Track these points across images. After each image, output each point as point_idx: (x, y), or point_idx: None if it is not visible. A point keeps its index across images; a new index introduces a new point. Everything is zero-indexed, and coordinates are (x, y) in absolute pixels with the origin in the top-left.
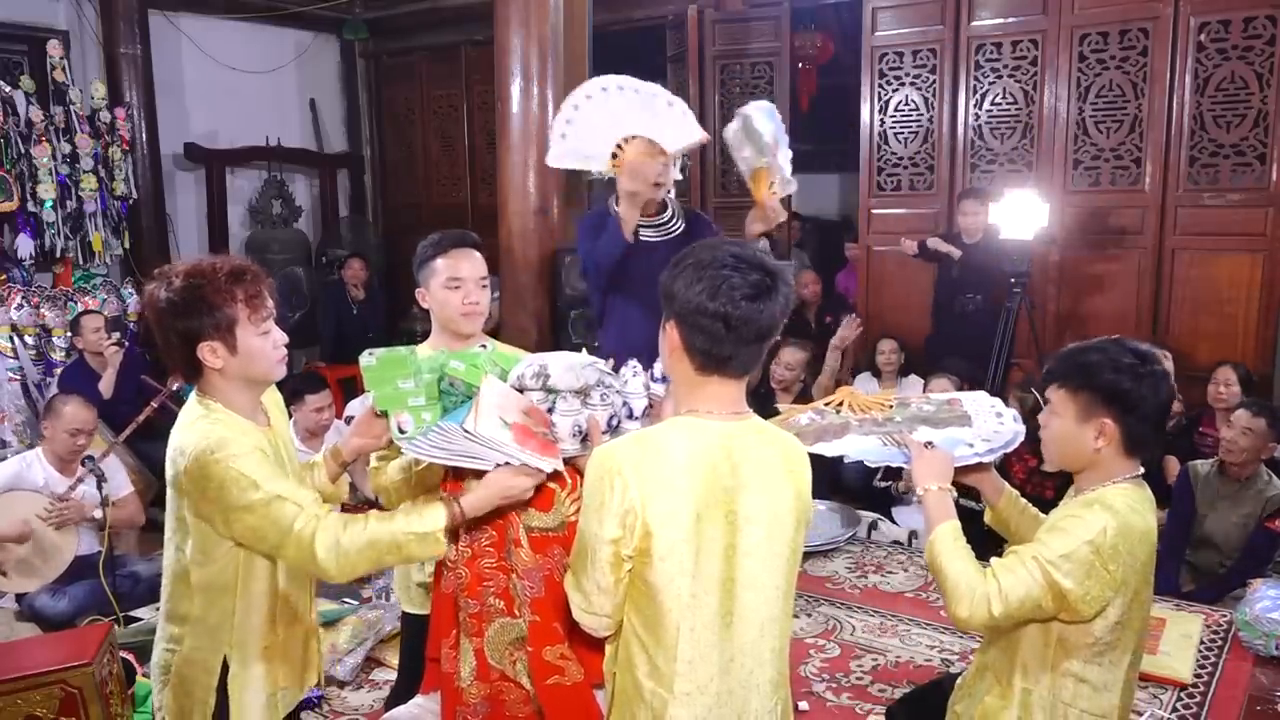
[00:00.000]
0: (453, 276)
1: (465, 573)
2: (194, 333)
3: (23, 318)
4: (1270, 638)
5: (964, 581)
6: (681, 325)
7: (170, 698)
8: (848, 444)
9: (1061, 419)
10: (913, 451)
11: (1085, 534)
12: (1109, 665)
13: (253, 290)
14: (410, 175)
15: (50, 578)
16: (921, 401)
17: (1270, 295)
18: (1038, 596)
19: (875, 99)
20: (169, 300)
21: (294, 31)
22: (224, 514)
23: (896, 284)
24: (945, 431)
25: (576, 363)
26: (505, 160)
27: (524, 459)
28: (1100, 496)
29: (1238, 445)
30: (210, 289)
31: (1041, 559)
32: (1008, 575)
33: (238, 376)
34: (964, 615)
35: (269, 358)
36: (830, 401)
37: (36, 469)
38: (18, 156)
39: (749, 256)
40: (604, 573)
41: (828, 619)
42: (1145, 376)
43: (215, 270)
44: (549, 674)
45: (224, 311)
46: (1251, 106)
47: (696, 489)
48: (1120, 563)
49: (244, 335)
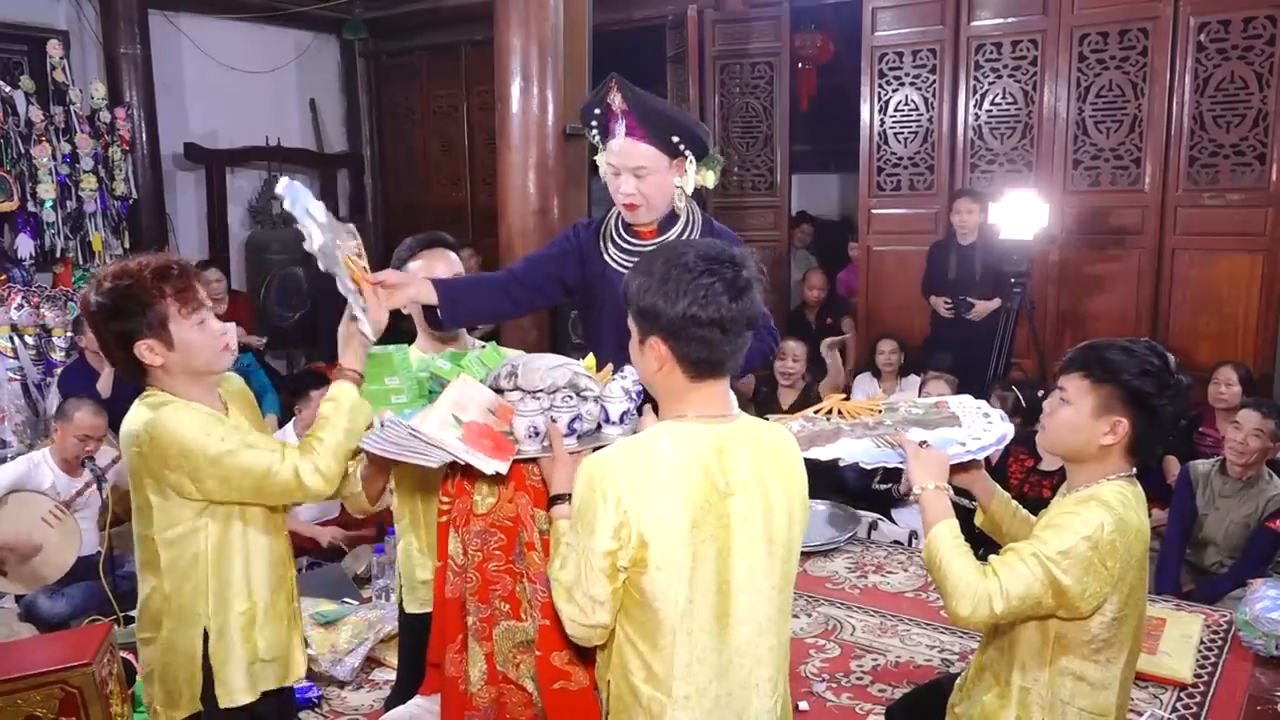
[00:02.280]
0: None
1: (476, 577)
2: (129, 333)
3: (23, 318)
4: (1270, 638)
5: (964, 579)
6: (671, 339)
7: (158, 686)
8: (841, 447)
9: (1075, 409)
10: (908, 451)
11: (1083, 530)
12: (1106, 663)
13: (181, 285)
14: (410, 175)
15: (52, 579)
16: (909, 405)
17: (1270, 295)
18: (1038, 593)
19: (875, 99)
20: (99, 303)
21: (294, 31)
22: (192, 472)
23: (896, 284)
24: (937, 432)
25: (547, 364)
26: (505, 160)
27: (466, 458)
28: (1095, 493)
29: (1249, 447)
30: (138, 287)
31: (1041, 555)
32: (1008, 572)
33: (181, 371)
34: (965, 613)
35: (209, 348)
36: (819, 409)
37: (44, 470)
38: (18, 156)
39: (716, 254)
40: (599, 584)
41: (828, 619)
42: (1170, 386)
43: (141, 269)
44: (556, 679)
45: (154, 309)
46: (1251, 106)
47: (689, 494)
48: (1118, 559)
49: (178, 330)
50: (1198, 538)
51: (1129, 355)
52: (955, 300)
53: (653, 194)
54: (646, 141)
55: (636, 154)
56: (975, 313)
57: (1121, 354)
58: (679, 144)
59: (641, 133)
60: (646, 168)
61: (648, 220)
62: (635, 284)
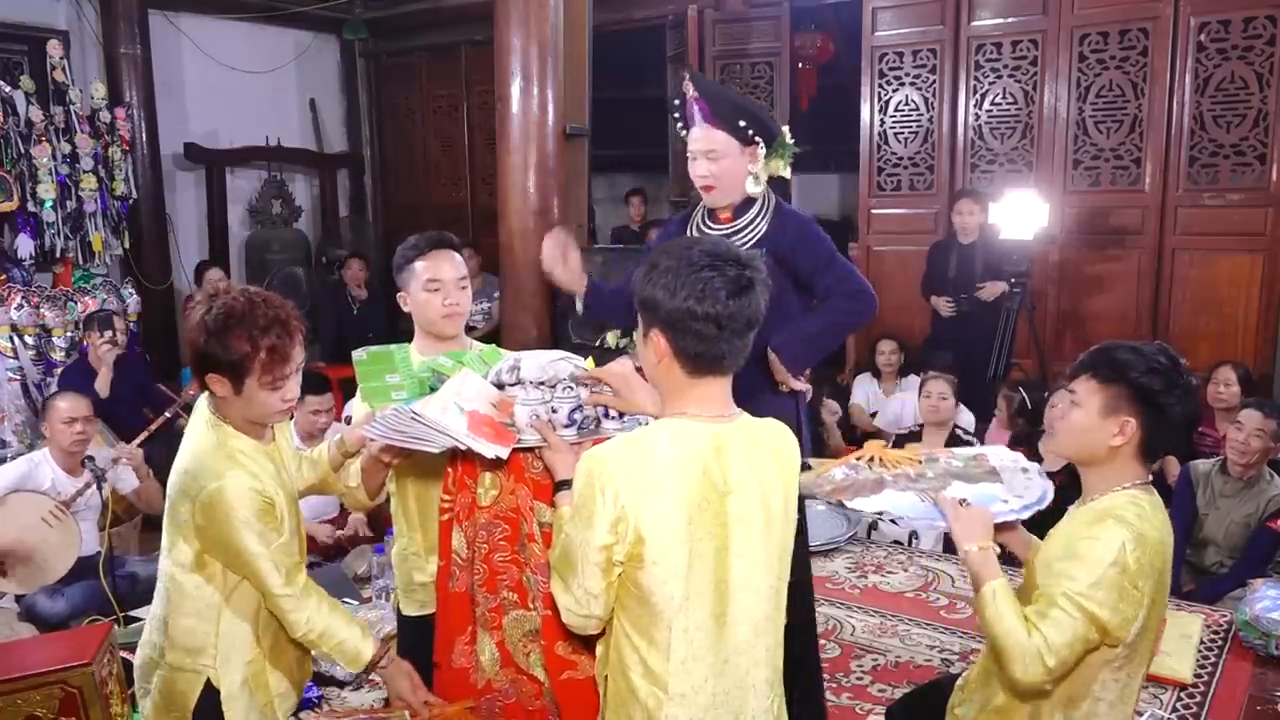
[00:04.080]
0: (432, 278)
1: (483, 569)
2: (209, 360)
3: (23, 318)
4: (1270, 638)
5: (1013, 640)
6: (669, 331)
7: (152, 712)
8: (886, 500)
9: (1085, 410)
10: (948, 511)
11: (1107, 556)
12: (1126, 678)
13: (278, 344)
14: (410, 175)
15: (52, 579)
16: (949, 458)
17: (1270, 295)
18: (1083, 634)
19: (875, 99)
20: (202, 321)
21: (294, 31)
22: (223, 554)
23: (896, 284)
24: (978, 487)
25: (548, 357)
26: (505, 160)
27: (468, 443)
28: (1109, 509)
29: (1250, 447)
30: (238, 333)
31: (1073, 595)
32: (1048, 625)
33: (237, 412)
34: (1019, 675)
35: (270, 409)
36: (861, 456)
37: (44, 470)
38: (18, 156)
39: (722, 252)
40: (595, 578)
41: (828, 619)
42: (1178, 385)
43: (253, 310)
44: (563, 668)
45: (240, 361)
46: (1251, 106)
47: (688, 492)
48: (1145, 577)
49: (251, 385)
50: (1198, 538)
51: (1137, 355)
52: (958, 298)
53: (725, 176)
54: (718, 127)
55: (710, 139)
56: (985, 293)
57: (1130, 354)
58: (748, 129)
59: (714, 120)
60: (718, 151)
61: (723, 203)
62: (640, 275)
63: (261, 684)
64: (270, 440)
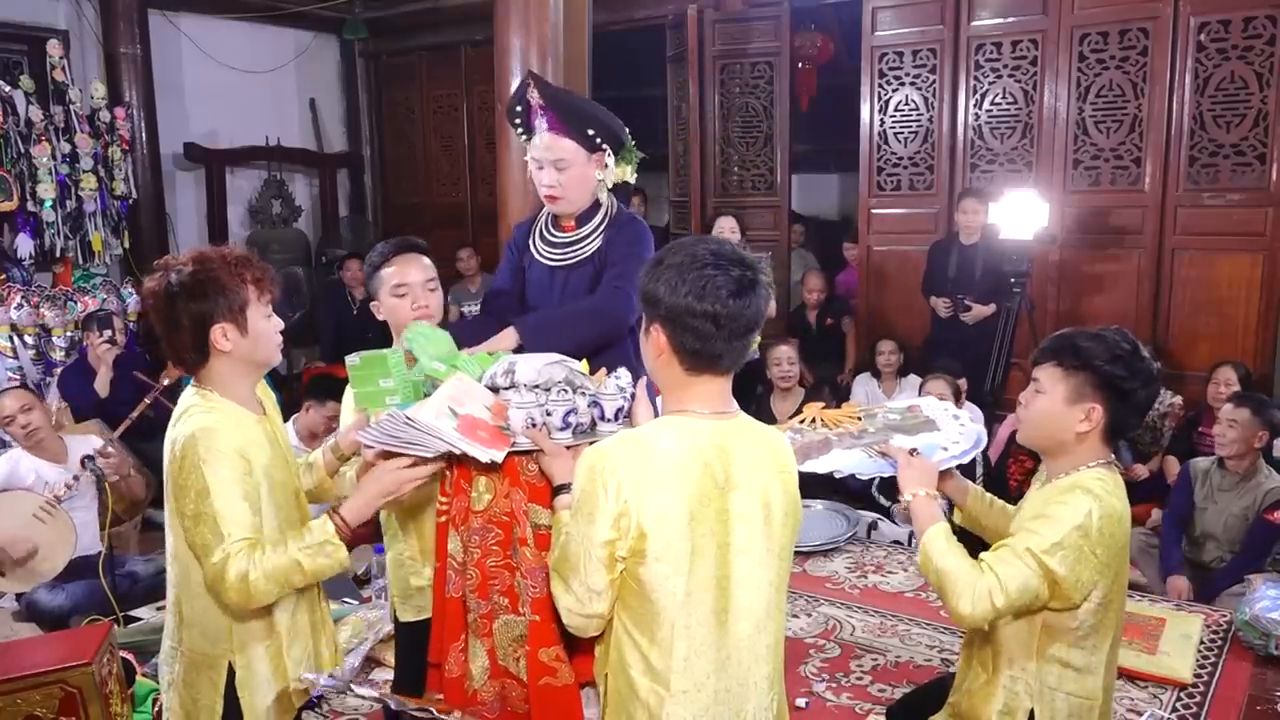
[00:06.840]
0: (399, 284)
1: (475, 574)
2: (207, 315)
3: (23, 318)
4: (1270, 638)
5: (962, 578)
6: (669, 327)
7: (176, 702)
8: (835, 459)
9: (1049, 398)
10: (899, 460)
11: (1073, 520)
12: (1092, 648)
13: (259, 273)
14: (410, 175)
15: (51, 574)
16: (885, 411)
17: (1270, 295)
18: (1035, 586)
19: (875, 99)
20: (181, 284)
21: (294, 31)
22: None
23: (896, 284)
24: (919, 438)
25: (543, 361)
26: (505, 160)
27: (463, 447)
28: (1078, 481)
29: (1226, 437)
30: (222, 271)
31: (1035, 549)
32: (1004, 567)
33: (244, 359)
34: (966, 611)
35: (273, 341)
36: (803, 419)
37: (25, 465)
38: (18, 156)
39: (727, 253)
40: (598, 575)
41: (828, 619)
42: (1140, 370)
43: (223, 255)
44: (542, 674)
45: (236, 293)
46: (1251, 106)
47: (689, 488)
48: (1106, 546)
49: (254, 317)
50: (1198, 532)
51: (1099, 342)
52: (954, 300)
53: (572, 186)
54: (566, 136)
55: (557, 147)
56: (970, 316)
57: (1092, 341)
58: (596, 138)
59: (561, 128)
60: (566, 160)
61: (568, 211)
62: (647, 270)
63: (280, 668)
64: (262, 414)
